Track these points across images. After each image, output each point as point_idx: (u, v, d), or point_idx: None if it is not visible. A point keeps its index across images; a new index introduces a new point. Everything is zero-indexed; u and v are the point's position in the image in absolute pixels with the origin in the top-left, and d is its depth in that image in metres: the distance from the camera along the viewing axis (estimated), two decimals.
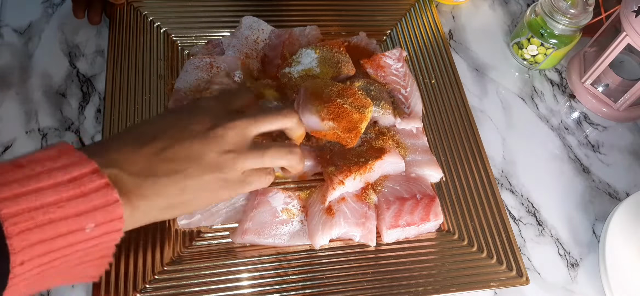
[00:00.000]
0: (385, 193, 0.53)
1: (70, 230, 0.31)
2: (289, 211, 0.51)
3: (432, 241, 0.53)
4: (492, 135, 0.64)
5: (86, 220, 0.32)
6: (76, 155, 0.33)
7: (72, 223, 0.31)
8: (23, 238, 0.29)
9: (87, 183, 0.32)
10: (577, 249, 0.57)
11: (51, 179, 0.31)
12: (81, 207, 0.31)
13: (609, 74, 0.69)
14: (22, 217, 0.30)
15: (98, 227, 0.32)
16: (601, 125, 0.68)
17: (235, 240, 0.50)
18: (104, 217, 0.32)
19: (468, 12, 0.76)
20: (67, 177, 0.31)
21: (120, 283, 0.46)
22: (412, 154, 0.57)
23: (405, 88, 0.61)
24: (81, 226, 0.32)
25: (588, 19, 0.64)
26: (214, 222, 0.51)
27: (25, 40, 0.63)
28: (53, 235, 0.31)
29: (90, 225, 0.32)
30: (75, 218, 0.31)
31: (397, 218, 0.51)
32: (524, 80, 0.70)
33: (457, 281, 0.50)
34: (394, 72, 0.62)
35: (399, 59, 0.63)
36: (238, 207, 0.51)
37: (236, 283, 0.48)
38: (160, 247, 0.49)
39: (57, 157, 0.32)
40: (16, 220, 0.29)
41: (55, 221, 0.31)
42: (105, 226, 0.33)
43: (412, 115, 0.59)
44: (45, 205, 0.30)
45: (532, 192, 0.60)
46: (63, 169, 0.32)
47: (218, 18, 0.67)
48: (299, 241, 0.51)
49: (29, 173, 0.31)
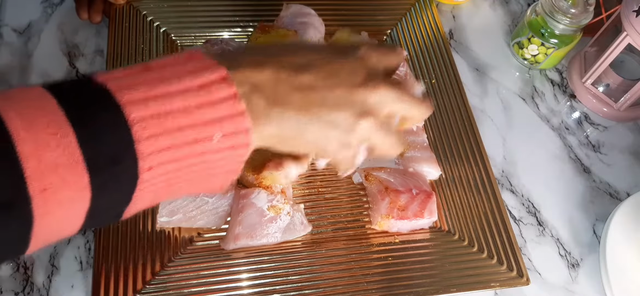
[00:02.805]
0: (380, 182, 0.53)
1: (197, 139, 0.30)
2: (274, 207, 0.50)
3: (432, 242, 0.53)
4: (492, 135, 0.64)
5: (213, 129, 0.30)
6: (206, 60, 0.31)
7: (199, 131, 0.30)
8: (151, 144, 0.28)
9: (215, 91, 0.30)
10: (578, 249, 0.57)
11: (180, 84, 0.30)
12: (209, 116, 0.30)
13: (610, 74, 0.68)
14: (151, 122, 0.28)
15: (225, 138, 0.31)
16: (602, 125, 0.67)
17: (227, 246, 0.49)
18: (231, 128, 0.31)
19: (468, 12, 0.76)
20: (196, 83, 0.30)
21: (120, 283, 0.46)
22: (411, 150, 0.57)
23: None
24: (208, 136, 0.30)
25: (589, 18, 0.64)
26: (195, 224, 0.50)
27: (25, 40, 0.63)
28: (181, 143, 0.29)
29: (217, 135, 0.30)
30: (202, 126, 0.30)
31: (391, 210, 0.51)
32: (524, 80, 0.70)
33: (457, 282, 0.50)
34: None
35: None
36: (220, 212, 0.51)
37: (236, 284, 0.48)
38: (160, 247, 0.49)
39: (186, 61, 0.31)
40: (145, 125, 0.28)
41: (183, 128, 0.29)
42: (233, 138, 0.31)
43: None
44: (174, 111, 0.29)
45: (532, 192, 0.60)
46: (192, 73, 0.30)
47: (217, 18, 0.67)
48: (291, 235, 0.50)
49: (158, 77, 0.30)
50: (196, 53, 0.32)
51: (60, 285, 0.48)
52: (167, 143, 0.29)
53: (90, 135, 0.27)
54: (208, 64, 0.31)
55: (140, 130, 0.28)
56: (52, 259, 0.49)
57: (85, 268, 0.49)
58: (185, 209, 0.49)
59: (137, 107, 0.28)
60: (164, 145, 0.29)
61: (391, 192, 0.53)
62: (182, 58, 0.31)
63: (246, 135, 0.32)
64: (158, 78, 0.30)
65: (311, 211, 0.54)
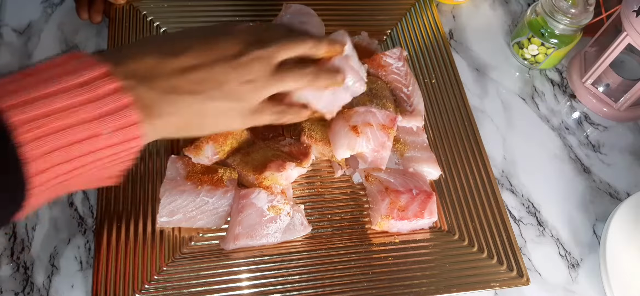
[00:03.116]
0: (381, 183, 0.53)
1: (85, 137, 0.30)
2: (275, 208, 0.50)
3: (432, 242, 0.53)
4: (492, 135, 0.64)
5: (100, 125, 0.30)
6: (87, 59, 0.31)
7: (86, 129, 0.30)
8: (37, 146, 0.28)
9: (99, 87, 0.30)
10: (578, 249, 0.57)
11: (61, 83, 0.29)
12: (94, 112, 0.30)
13: (610, 74, 0.68)
14: (34, 124, 0.28)
15: (115, 134, 0.31)
16: (602, 125, 0.67)
17: (227, 246, 0.49)
18: (119, 123, 0.31)
19: (468, 12, 0.76)
20: (78, 81, 0.30)
21: (120, 283, 0.46)
22: (411, 150, 0.57)
23: (407, 86, 0.61)
24: (96, 133, 0.30)
25: (589, 18, 0.64)
26: (195, 224, 0.50)
27: (25, 40, 0.63)
28: (68, 142, 0.29)
29: (105, 131, 0.30)
30: (89, 123, 0.30)
31: (391, 210, 0.52)
32: (524, 80, 0.70)
33: (457, 282, 0.50)
34: (395, 71, 0.62)
35: (400, 58, 0.63)
36: (220, 213, 0.51)
37: (236, 283, 0.48)
38: (160, 247, 0.49)
39: (67, 61, 0.31)
40: (28, 128, 0.28)
41: (69, 127, 0.29)
42: (122, 133, 0.31)
43: (414, 113, 0.59)
44: (57, 110, 0.29)
45: (532, 192, 0.60)
46: (73, 73, 0.30)
47: (217, 18, 0.67)
48: (292, 235, 0.51)
49: (37, 80, 0.29)
50: (78, 53, 0.32)
51: (60, 285, 0.48)
52: (54, 144, 0.29)
53: None
54: (90, 62, 0.31)
55: (23, 134, 0.27)
56: (52, 259, 0.49)
57: (85, 268, 0.49)
58: (185, 209, 0.49)
59: (15, 111, 0.28)
60: (51, 146, 0.29)
61: (391, 192, 0.53)
62: (63, 59, 0.31)
63: (136, 127, 0.32)
64: (38, 81, 0.29)
65: (311, 211, 0.54)
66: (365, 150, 0.53)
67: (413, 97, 0.61)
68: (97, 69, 0.31)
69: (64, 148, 0.29)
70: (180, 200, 0.49)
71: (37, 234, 0.50)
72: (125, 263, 0.47)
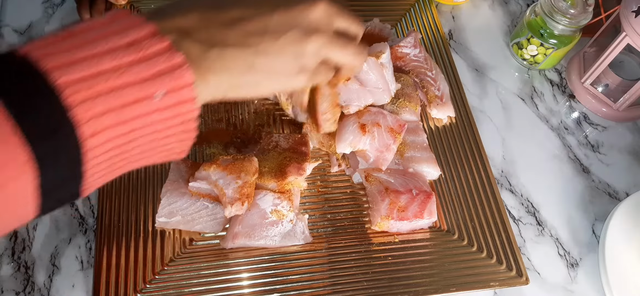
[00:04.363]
0: (380, 183, 0.54)
1: (136, 99, 0.28)
2: (278, 212, 0.50)
3: (431, 241, 0.53)
4: (492, 135, 0.64)
5: (152, 86, 0.28)
6: (131, 18, 0.30)
7: (137, 90, 0.28)
8: (87, 108, 0.26)
9: (146, 47, 0.29)
10: (577, 249, 0.57)
11: (108, 44, 0.28)
12: (144, 73, 0.28)
13: (609, 74, 0.69)
14: (83, 84, 0.26)
15: (168, 95, 0.29)
16: (601, 125, 0.68)
17: (226, 245, 0.49)
18: (172, 83, 0.29)
19: (468, 12, 0.76)
20: (125, 41, 0.28)
21: (120, 283, 0.46)
22: (411, 151, 0.57)
23: (430, 70, 0.62)
24: (148, 94, 0.28)
25: (588, 19, 0.64)
26: (193, 227, 0.50)
27: (26, 40, 0.63)
28: (119, 105, 0.28)
29: (158, 92, 0.29)
30: (139, 85, 0.28)
31: (391, 210, 0.52)
32: (523, 80, 0.70)
33: (456, 281, 0.50)
34: (414, 59, 0.62)
35: (415, 44, 0.62)
36: (219, 218, 0.50)
37: (236, 283, 0.48)
38: (160, 247, 0.49)
39: (110, 22, 0.29)
40: (76, 88, 0.26)
41: (117, 89, 0.27)
42: (176, 94, 0.29)
43: (443, 100, 0.60)
44: (105, 71, 0.27)
45: (531, 192, 0.60)
46: (119, 33, 0.29)
47: None
48: (291, 241, 0.51)
49: (81, 41, 0.28)
50: (121, 13, 0.30)
51: (61, 284, 0.48)
52: (104, 107, 0.27)
53: (19, 106, 0.25)
54: (135, 21, 0.29)
55: (72, 95, 0.26)
56: (53, 259, 0.49)
57: (86, 268, 0.49)
58: (184, 212, 0.49)
59: (62, 72, 0.26)
60: (101, 108, 0.27)
61: (391, 193, 0.53)
62: (105, 20, 0.29)
63: (189, 88, 0.30)
64: (83, 42, 0.28)
65: (311, 211, 0.54)
66: (368, 149, 0.53)
67: (438, 80, 0.62)
68: (144, 28, 0.29)
69: (115, 110, 0.28)
70: (181, 202, 0.49)
71: (38, 234, 0.51)
72: (126, 262, 0.48)
